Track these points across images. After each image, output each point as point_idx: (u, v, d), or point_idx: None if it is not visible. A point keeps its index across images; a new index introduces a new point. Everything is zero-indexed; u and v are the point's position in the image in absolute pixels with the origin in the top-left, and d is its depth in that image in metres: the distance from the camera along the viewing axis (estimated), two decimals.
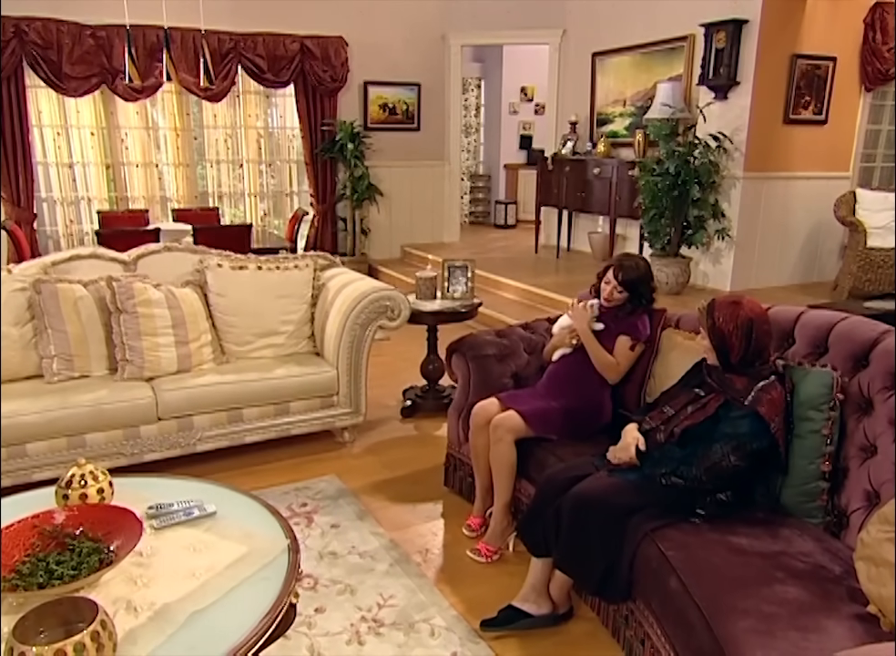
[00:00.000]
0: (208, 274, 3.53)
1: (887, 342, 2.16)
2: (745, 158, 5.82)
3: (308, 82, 7.10)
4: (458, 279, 4.06)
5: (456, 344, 3.13)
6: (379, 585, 2.51)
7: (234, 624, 1.58)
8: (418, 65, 7.84)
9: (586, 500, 2.14)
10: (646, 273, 2.83)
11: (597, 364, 2.77)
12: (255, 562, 1.80)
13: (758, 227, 6.06)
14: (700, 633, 1.65)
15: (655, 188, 5.80)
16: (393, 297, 3.56)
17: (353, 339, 3.48)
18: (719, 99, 5.87)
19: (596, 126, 7.61)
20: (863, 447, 2.11)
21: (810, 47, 5.89)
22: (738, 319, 2.17)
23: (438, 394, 4.14)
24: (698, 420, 2.22)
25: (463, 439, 3.05)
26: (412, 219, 8.18)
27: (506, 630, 2.27)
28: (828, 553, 1.96)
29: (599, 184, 7.00)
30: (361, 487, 3.22)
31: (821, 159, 6.28)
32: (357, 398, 3.57)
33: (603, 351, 2.76)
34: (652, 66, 6.88)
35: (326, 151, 7.31)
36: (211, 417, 3.23)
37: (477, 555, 2.69)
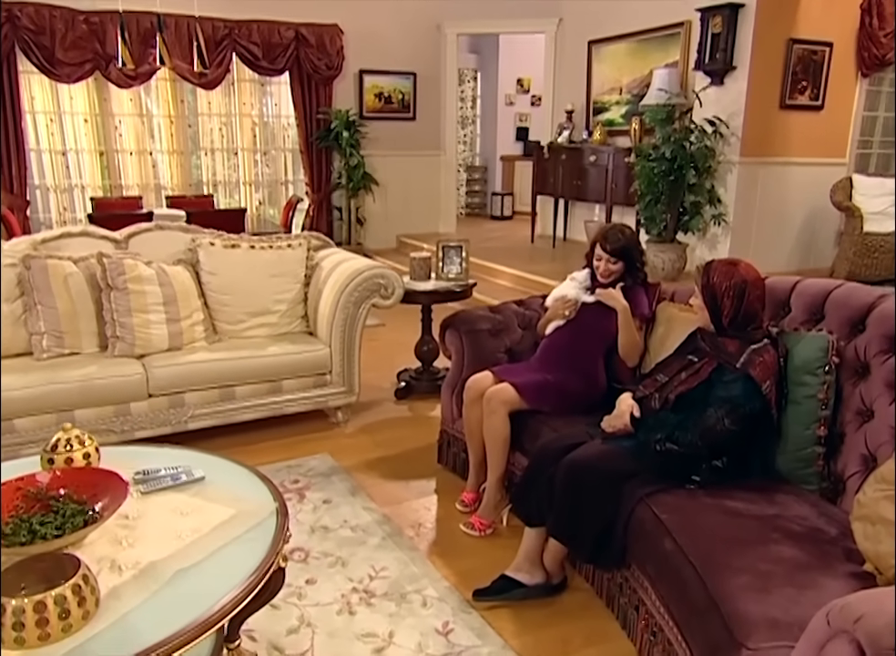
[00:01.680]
0: (201, 253, 3.50)
1: (884, 306, 2.14)
2: (741, 144, 5.80)
3: (303, 70, 7.07)
4: (452, 259, 4.04)
5: (450, 320, 3.11)
6: (371, 557, 2.48)
7: (220, 582, 1.55)
8: (413, 54, 7.81)
9: (580, 467, 2.12)
10: (631, 238, 2.80)
11: (626, 346, 2.69)
12: (242, 524, 1.77)
13: (754, 213, 6.04)
14: (695, 591, 1.62)
15: (651, 173, 5.76)
16: (387, 275, 3.53)
17: (347, 317, 3.45)
18: (716, 84, 5.85)
19: (592, 114, 7.59)
20: (860, 412, 2.09)
21: (807, 32, 5.87)
22: (732, 279, 2.15)
23: (432, 376, 4.11)
24: (692, 385, 2.20)
25: (456, 415, 3.02)
26: (407, 208, 8.15)
27: (499, 601, 2.24)
28: (824, 517, 1.94)
29: (595, 172, 6.98)
30: (354, 465, 3.19)
31: (818, 145, 6.25)
32: (350, 377, 3.55)
33: (636, 334, 2.70)
34: (648, 54, 6.86)
35: (321, 140, 7.28)
36: (203, 395, 3.20)
37: (470, 529, 2.67)
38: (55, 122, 6.41)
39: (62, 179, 6.56)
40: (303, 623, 2.14)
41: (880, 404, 2.03)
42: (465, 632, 2.11)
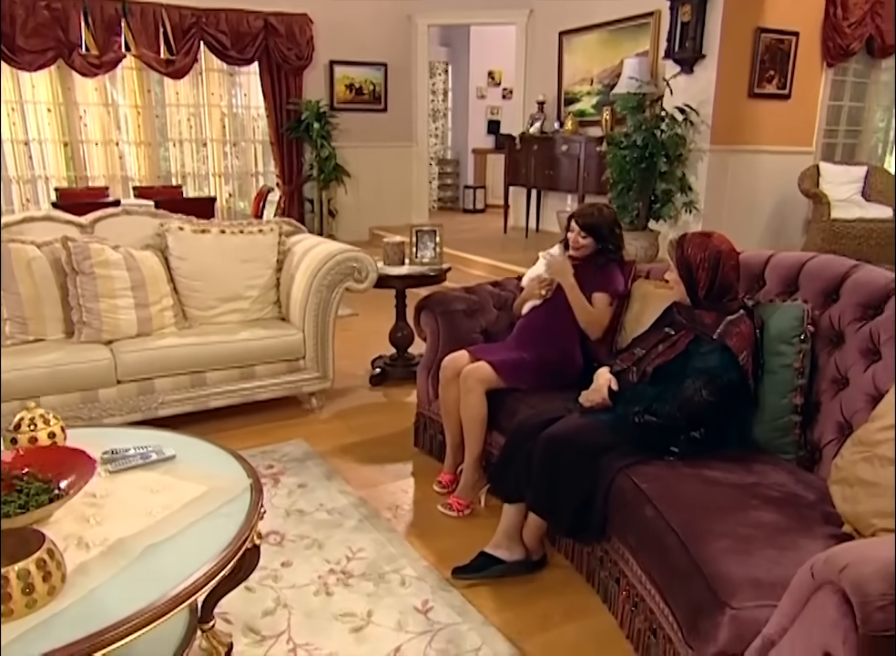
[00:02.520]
0: (169, 238, 3.42)
1: (857, 275, 2.16)
2: (711, 132, 5.84)
3: (272, 60, 6.98)
4: (426, 244, 4.00)
5: (425, 301, 3.07)
6: (347, 539, 2.44)
7: (192, 557, 1.50)
8: (384, 44, 7.76)
9: (559, 440, 2.10)
10: (608, 218, 2.80)
11: (582, 320, 2.70)
12: (215, 500, 1.72)
13: (724, 200, 6.09)
14: (677, 556, 1.61)
15: (623, 161, 5.78)
16: (360, 258, 3.48)
17: (320, 301, 3.39)
18: (685, 73, 5.88)
19: (564, 105, 7.61)
20: (835, 380, 2.10)
21: (774, 21, 5.93)
22: (706, 250, 2.15)
23: (407, 362, 4.08)
24: (669, 357, 2.19)
25: (432, 396, 2.99)
26: (380, 200, 8.10)
27: (478, 578, 2.22)
28: (801, 483, 1.94)
29: (567, 161, 6.99)
30: (329, 450, 3.14)
31: (785, 134, 6.32)
32: (324, 363, 3.50)
33: (587, 306, 2.70)
34: (619, 44, 6.89)
35: (292, 131, 7.20)
36: (173, 381, 3.12)
37: (448, 509, 2.64)
38: (16, 111, 6.25)
39: (24, 170, 6.40)
40: (279, 605, 2.09)
41: (855, 371, 2.04)
42: (445, 610, 2.08)
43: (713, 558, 1.54)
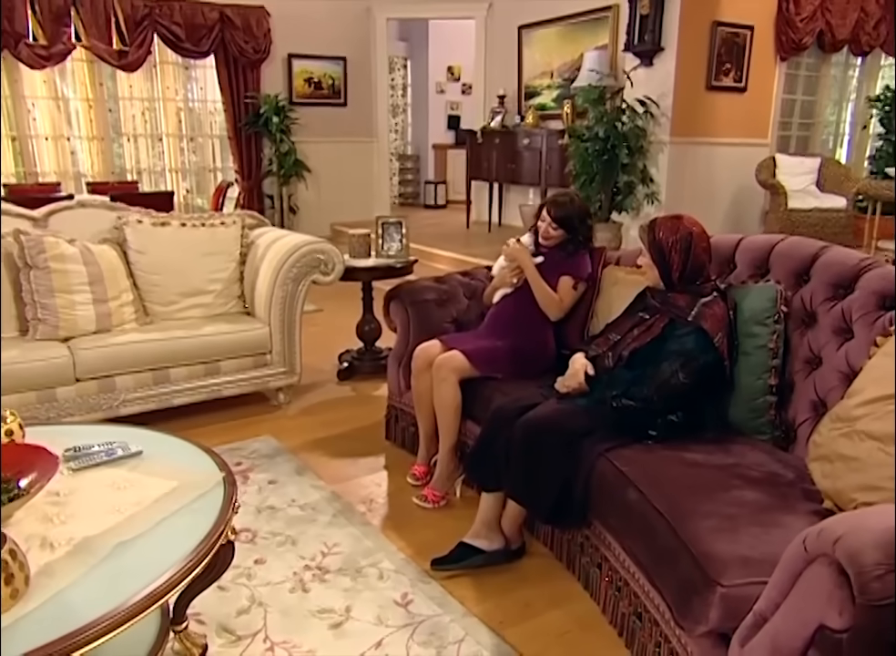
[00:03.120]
0: (127, 231, 3.31)
1: (827, 255, 2.18)
2: (671, 124, 5.89)
3: (229, 53, 6.83)
4: (392, 236, 3.94)
5: (394, 291, 3.02)
6: (322, 535, 2.38)
7: (165, 554, 1.43)
8: (343, 38, 7.67)
9: (537, 426, 2.08)
10: (580, 208, 2.79)
11: (540, 300, 2.70)
12: (186, 495, 1.65)
13: (685, 191, 6.15)
14: (663, 536, 1.60)
15: (585, 153, 5.81)
16: (326, 250, 3.42)
17: (286, 294, 3.32)
18: (645, 65, 5.92)
19: (524, 99, 7.61)
20: (808, 360, 2.11)
21: (730, 15, 6.01)
22: (677, 232, 2.15)
23: (375, 356, 4.02)
24: (645, 341, 2.19)
25: (404, 388, 2.95)
26: (341, 196, 7.99)
27: (458, 569, 2.18)
28: (779, 462, 1.95)
29: (529, 155, 7.00)
30: (299, 446, 3.08)
31: (742, 126, 6.42)
32: (291, 357, 3.42)
33: (545, 286, 2.70)
34: (578, 37, 6.91)
35: (250, 125, 7.06)
36: (135, 378, 3.02)
37: (423, 501, 2.60)
38: None
39: None
40: (254, 603, 2.02)
41: (828, 350, 2.05)
42: (425, 602, 2.04)
43: (700, 537, 1.53)
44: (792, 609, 1.23)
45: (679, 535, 1.55)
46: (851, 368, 1.95)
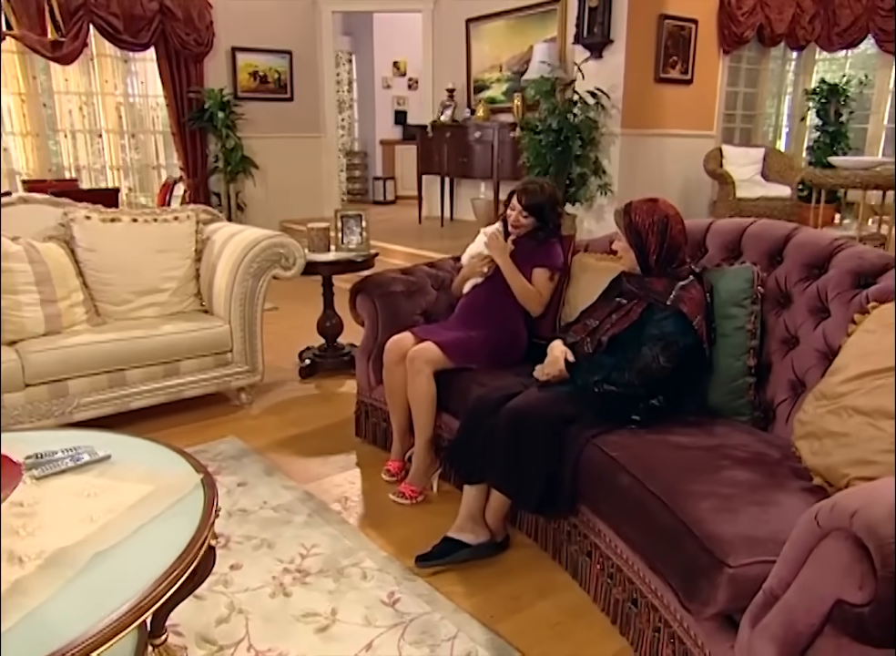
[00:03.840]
0: (75, 228, 3.14)
1: (799, 236, 2.20)
2: (622, 115, 5.94)
3: (170, 45, 6.58)
4: (352, 229, 3.86)
5: (361, 284, 2.94)
6: (299, 536, 2.29)
7: (148, 563, 1.35)
8: (289, 31, 7.49)
9: (521, 414, 2.04)
10: (550, 196, 2.77)
11: (520, 296, 2.66)
12: (164, 499, 1.56)
13: (636, 182, 6.20)
14: (663, 520, 1.57)
15: (538, 145, 5.81)
16: (286, 244, 3.31)
17: (246, 291, 3.21)
18: (595, 58, 5.95)
19: (474, 92, 7.58)
20: (784, 340, 2.13)
21: (676, 8, 6.09)
22: (654, 215, 2.14)
23: (337, 352, 3.93)
24: (624, 327, 2.17)
25: (374, 382, 2.88)
26: (290, 193, 7.82)
27: (443, 564, 2.13)
28: (762, 442, 1.96)
29: (481, 148, 6.97)
30: (266, 446, 2.97)
31: (689, 118, 6.52)
32: (253, 355, 3.31)
33: (525, 281, 2.66)
34: (527, 30, 6.92)
35: (194, 121, 6.83)
36: (89, 381, 2.87)
37: (401, 497, 2.53)
38: None
39: None
40: (234, 611, 1.93)
41: (805, 329, 2.07)
42: (413, 600, 1.98)
43: (701, 519, 1.51)
44: (806, 586, 1.22)
45: (680, 517, 1.53)
46: (829, 347, 1.97)
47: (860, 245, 2.11)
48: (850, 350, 1.80)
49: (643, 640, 1.73)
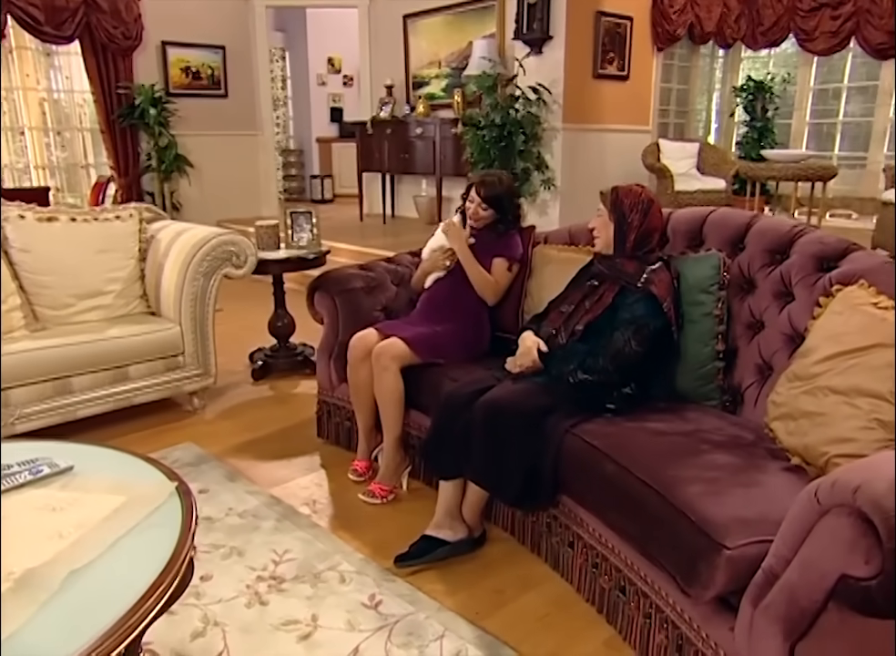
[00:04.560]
0: (8, 228, 2.96)
1: (760, 224, 2.25)
2: (563, 111, 6.00)
3: (96, 39, 6.30)
4: (302, 226, 3.77)
5: (319, 281, 2.87)
6: (269, 542, 2.21)
7: (129, 578, 1.26)
8: (221, 26, 7.29)
9: (498, 406, 2.01)
10: (509, 188, 2.77)
11: (476, 284, 2.65)
12: (139, 510, 1.47)
13: (578, 177, 6.28)
14: (654, 506, 1.57)
15: (482, 141, 5.82)
16: (237, 242, 3.20)
17: (197, 290, 3.09)
18: (535, 54, 5.99)
19: (413, 89, 7.54)
20: (750, 325, 2.17)
21: (611, 6, 6.19)
22: (639, 196, 2.20)
23: (290, 352, 3.83)
24: (598, 313, 2.18)
25: (337, 381, 2.81)
26: (226, 192, 7.61)
27: (423, 563, 2.08)
28: (735, 426, 1.99)
29: (422, 144, 6.94)
30: (224, 451, 2.87)
31: (626, 113, 6.64)
32: (205, 358, 3.19)
33: (481, 270, 2.65)
34: (465, 26, 6.91)
35: (125, 118, 6.56)
36: (32, 390, 2.70)
37: (371, 497, 2.48)
38: None
39: None
40: (209, 624, 1.84)
41: (770, 314, 2.12)
42: (395, 601, 1.93)
43: (692, 503, 1.52)
44: (808, 563, 1.23)
45: (672, 503, 1.53)
46: (795, 329, 2.02)
47: (819, 231, 2.17)
48: (819, 332, 1.85)
49: (633, 626, 1.73)
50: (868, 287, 1.84)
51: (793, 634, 1.23)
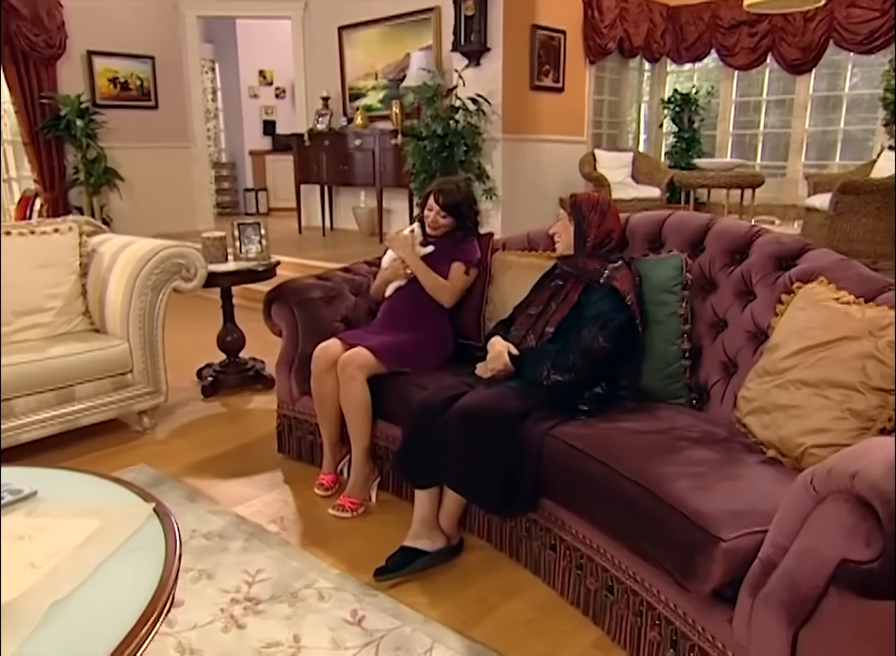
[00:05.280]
0: None
1: (717, 226, 2.31)
2: (502, 121, 6.08)
3: (16, 47, 6.03)
4: (251, 238, 3.68)
5: (275, 292, 2.80)
6: (240, 563, 2.13)
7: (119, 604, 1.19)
8: (150, 36, 7.09)
9: (474, 412, 2.00)
10: (467, 195, 2.77)
11: (429, 288, 2.63)
12: (117, 534, 1.39)
13: (518, 187, 6.36)
14: (646, 503, 1.58)
15: (423, 151, 5.83)
16: (186, 254, 3.10)
17: (145, 305, 2.97)
18: (473, 65, 6.05)
19: (350, 100, 7.50)
20: (713, 324, 2.23)
21: (546, 19, 6.32)
22: (597, 199, 2.30)
23: (240, 368, 3.72)
24: (565, 312, 2.20)
25: (298, 394, 2.74)
26: (159, 206, 7.37)
27: (404, 575, 2.04)
28: (706, 422, 2.03)
29: (361, 156, 6.90)
30: (182, 470, 2.75)
31: (562, 124, 6.78)
32: (156, 375, 3.07)
33: (432, 273, 2.63)
34: (401, 38, 6.93)
35: (49, 129, 6.29)
36: None
37: (341, 511, 2.42)
38: None
39: None
40: (185, 651, 1.75)
41: (733, 312, 2.18)
42: (379, 616, 1.88)
43: (682, 498, 1.53)
44: (807, 550, 1.26)
45: (664, 499, 1.54)
46: (758, 326, 2.08)
47: (774, 232, 2.25)
48: (785, 328, 1.91)
49: (622, 626, 1.74)
50: (827, 283, 1.92)
51: (796, 621, 1.26)
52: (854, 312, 1.76)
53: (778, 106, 7.69)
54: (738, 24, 7.21)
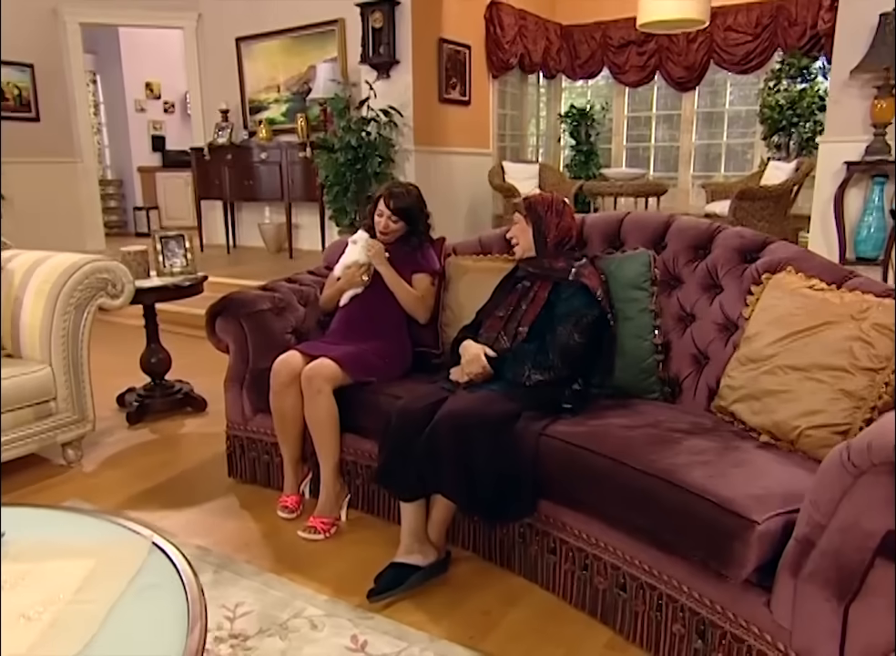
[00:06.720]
0: None
1: (676, 223, 2.36)
2: (413, 133, 6.06)
3: None
4: (174, 251, 3.46)
5: (219, 306, 2.62)
6: (215, 597, 1.94)
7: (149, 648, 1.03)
8: (28, 42, 6.58)
9: (463, 417, 1.92)
10: (418, 198, 2.72)
11: (406, 305, 2.55)
12: (119, 574, 1.23)
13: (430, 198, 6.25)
14: (667, 495, 1.56)
15: (336, 164, 5.72)
16: (112, 268, 2.85)
17: (68, 325, 2.70)
18: (382, 78, 6.01)
19: (250, 113, 7.27)
20: (680, 318, 2.27)
21: (451, 33, 6.39)
22: (552, 199, 2.29)
23: (167, 391, 3.46)
24: (537, 311, 2.18)
25: (251, 412, 2.58)
26: (44, 226, 6.78)
27: (399, 593, 1.93)
28: (688, 414, 2.05)
29: (267, 170, 6.69)
30: (122, 504, 2.52)
31: (470, 136, 6.86)
32: (81, 401, 2.79)
33: (410, 289, 2.55)
34: (304, 51, 6.79)
35: None
36: None
37: (312, 533, 2.27)
38: None
39: None
40: None
41: (701, 306, 2.22)
42: (382, 639, 1.77)
43: (701, 485, 1.53)
44: (846, 525, 1.27)
45: (685, 488, 1.53)
46: (728, 318, 2.14)
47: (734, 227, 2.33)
48: (761, 317, 1.97)
49: (637, 623, 1.71)
50: (796, 273, 2.00)
51: (845, 596, 1.27)
52: (832, 298, 1.84)
53: (667, 120, 8.12)
54: (627, 43, 7.57)
